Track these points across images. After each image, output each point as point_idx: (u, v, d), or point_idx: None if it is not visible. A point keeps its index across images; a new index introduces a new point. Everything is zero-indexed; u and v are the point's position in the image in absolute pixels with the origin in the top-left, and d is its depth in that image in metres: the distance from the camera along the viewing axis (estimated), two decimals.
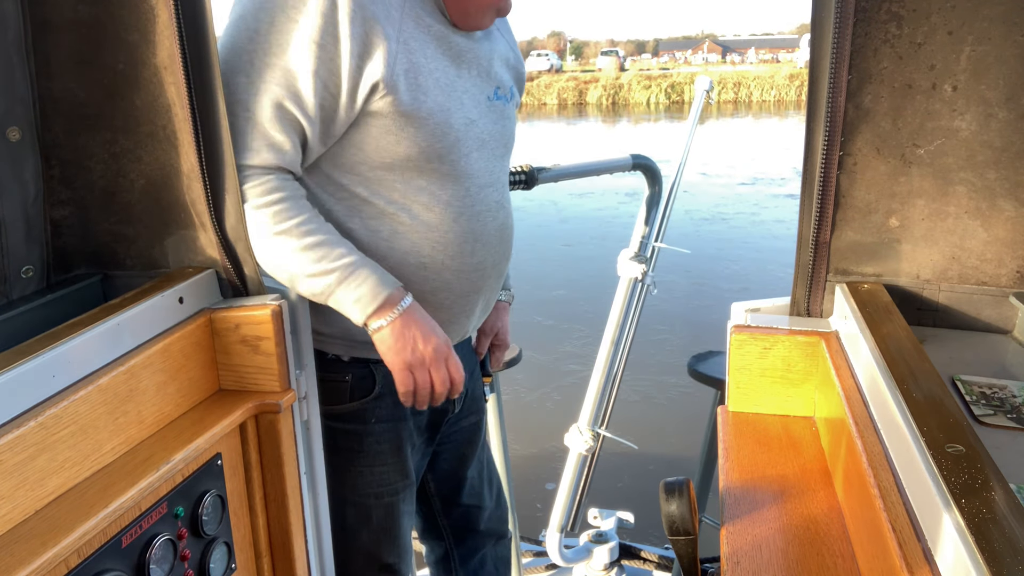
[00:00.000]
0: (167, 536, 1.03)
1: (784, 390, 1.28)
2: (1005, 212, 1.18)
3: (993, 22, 1.10)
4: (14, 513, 0.88)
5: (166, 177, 1.21)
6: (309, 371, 1.28)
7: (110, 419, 1.00)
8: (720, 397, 2.06)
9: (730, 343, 1.28)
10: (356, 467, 1.36)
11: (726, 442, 1.22)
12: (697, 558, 1.11)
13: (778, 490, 1.09)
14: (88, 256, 1.28)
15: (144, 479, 0.98)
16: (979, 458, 0.72)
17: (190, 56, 1.11)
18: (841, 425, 1.03)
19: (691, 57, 68.33)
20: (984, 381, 1.06)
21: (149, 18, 1.12)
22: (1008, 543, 0.61)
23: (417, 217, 1.26)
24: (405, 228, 1.26)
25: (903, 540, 0.74)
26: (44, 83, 1.19)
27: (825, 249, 1.25)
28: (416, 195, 1.26)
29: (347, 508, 1.38)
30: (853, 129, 1.17)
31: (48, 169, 1.23)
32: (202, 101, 1.13)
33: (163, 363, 1.10)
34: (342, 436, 1.35)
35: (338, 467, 1.35)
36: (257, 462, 1.22)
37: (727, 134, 20.78)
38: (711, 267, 7.67)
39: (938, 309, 1.25)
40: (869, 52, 1.14)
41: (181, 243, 1.24)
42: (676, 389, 4.68)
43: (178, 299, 1.16)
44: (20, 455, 0.88)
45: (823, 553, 0.95)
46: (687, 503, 1.06)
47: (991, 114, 1.13)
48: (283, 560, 1.26)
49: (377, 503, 1.39)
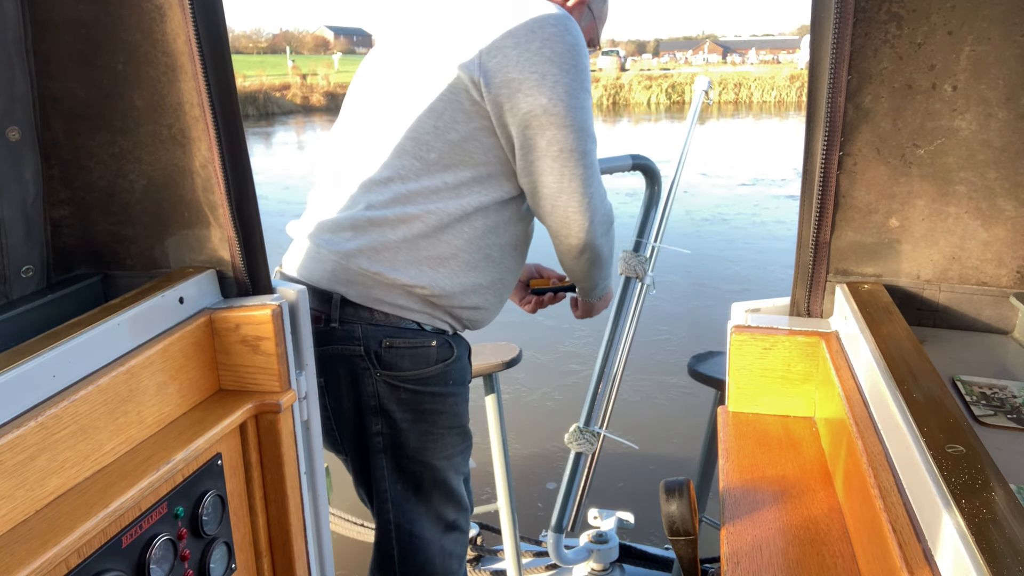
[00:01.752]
0: (167, 536, 1.03)
1: (784, 390, 1.28)
2: (1005, 212, 1.18)
3: (993, 22, 1.10)
4: (14, 513, 0.88)
5: (169, 176, 1.21)
6: (309, 371, 1.28)
7: (110, 419, 1.00)
8: (720, 397, 2.06)
9: (730, 343, 1.28)
10: (439, 429, 1.48)
11: (726, 442, 1.22)
12: (697, 558, 1.11)
13: (778, 490, 1.09)
14: (88, 256, 1.28)
15: (144, 479, 0.98)
16: (979, 458, 0.72)
17: (207, 54, 1.11)
18: (841, 425, 1.03)
19: (692, 57, 68.35)
20: (984, 381, 1.06)
21: (154, 17, 1.12)
22: (1008, 544, 0.61)
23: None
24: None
25: (903, 540, 0.74)
26: (44, 83, 1.19)
27: (825, 249, 1.25)
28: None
29: (425, 471, 1.49)
30: (853, 129, 1.17)
31: (48, 169, 1.23)
32: (219, 99, 1.13)
33: (163, 363, 1.10)
34: (428, 399, 1.46)
35: (423, 432, 1.46)
36: (257, 462, 1.22)
37: (728, 135, 20.77)
38: (711, 267, 7.67)
39: (938, 309, 1.25)
40: (869, 52, 1.14)
41: (182, 243, 1.24)
42: (676, 389, 4.68)
43: (178, 299, 1.16)
44: (20, 455, 0.88)
45: (823, 553, 0.95)
46: (687, 503, 1.06)
47: (991, 114, 1.13)
48: (283, 560, 1.26)
49: (449, 464, 1.52)
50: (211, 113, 1.13)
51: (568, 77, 1.36)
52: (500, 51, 1.35)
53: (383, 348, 1.40)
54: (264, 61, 49.23)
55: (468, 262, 1.43)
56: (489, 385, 2.27)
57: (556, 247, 1.50)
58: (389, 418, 1.44)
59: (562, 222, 1.43)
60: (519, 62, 1.34)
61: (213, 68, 1.12)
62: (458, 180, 1.39)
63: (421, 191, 1.39)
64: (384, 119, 1.45)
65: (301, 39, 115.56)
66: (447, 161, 1.39)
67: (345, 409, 1.45)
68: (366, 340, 1.40)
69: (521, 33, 1.35)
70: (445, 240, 1.40)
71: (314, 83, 33.91)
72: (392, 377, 1.42)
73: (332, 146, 1.57)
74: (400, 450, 1.46)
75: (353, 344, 1.40)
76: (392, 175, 1.40)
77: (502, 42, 1.35)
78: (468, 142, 1.39)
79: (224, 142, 1.15)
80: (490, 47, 1.35)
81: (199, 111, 1.14)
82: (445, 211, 1.39)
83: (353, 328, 1.40)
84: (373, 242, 1.38)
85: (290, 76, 35.70)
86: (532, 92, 1.34)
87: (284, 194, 11.96)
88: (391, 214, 1.38)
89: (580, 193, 1.40)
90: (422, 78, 1.41)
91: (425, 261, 1.39)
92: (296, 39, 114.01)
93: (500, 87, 1.35)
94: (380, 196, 1.40)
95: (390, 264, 1.38)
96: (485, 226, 1.43)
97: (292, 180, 13.48)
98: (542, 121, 1.35)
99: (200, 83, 1.12)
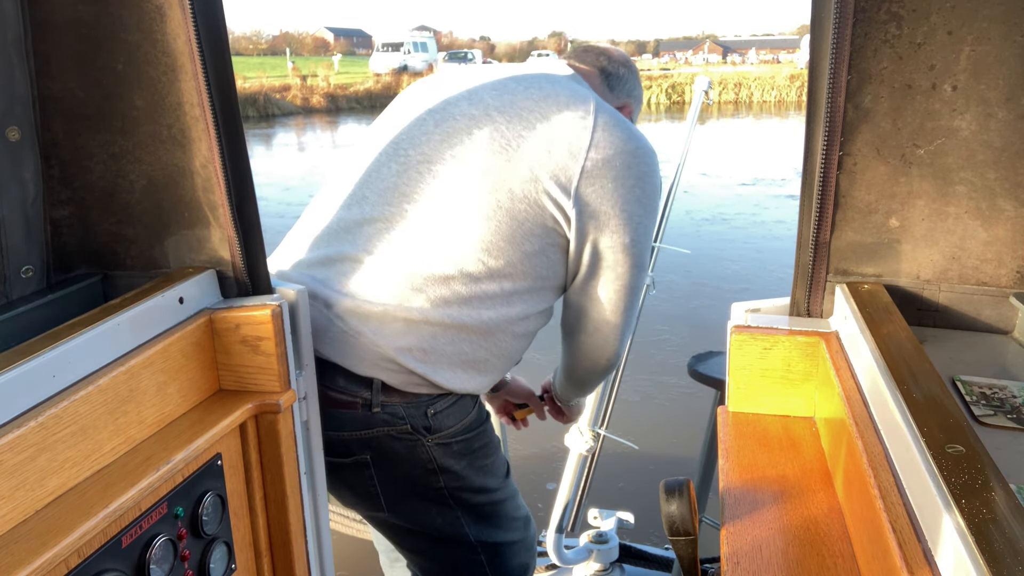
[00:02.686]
0: (167, 536, 1.03)
1: (784, 390, 1.28)
2: (1005, 212, 1.18)
3: (993, 22, 1.10)
4: (14, 513, 0.88)
5: (169, 177, 1.21)
6: (309, 371, 1.28)
7: (110, 419, 1.00)
8: (720, 397, 2.06)
9: (730, 343, 1.28)
10: (489, 459, 1.54)
11: (726, 442, 1.22)
12: (697, 558, 1.11)
13: (778, 490, 1.09)
14: (88, 256, 1.28)
15: (144, 479, 0.98)
16: (979, 458, 0.72)
17: (207, 54, 1.11)
18: (841, 425, 1.03)
19: (692, 57, 68.35)
20: (984, 381, 1.06)
21: (154, 18, 1.12)
22: (1008, 544, 0.61)
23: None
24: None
25: (903, 540, 0.74)
26: (44, 83, 1.19)
27: (825, 249, 1.25)
28: None
29: (491, 496, 1.56)
30: (853, 129, 1.17)
31: (48, 169, 1.23)
32: (219, 99, 1.13)
33: (163, 363, 1.10)
34: (476, 439, 1.50)
35: (480, 468, 1.51)
36: (257, 462, 1.22)
37: (728, 135, 20.77)
38: (711, 267, 7.66)
39: (938, 309, 1.25)
40: (869, 52, 1.14)
41: (182, 243, 1.24)
42: (676, 389, 4.68)
43: (178, 299, 1.16)
44: (20, 455, 0.88)
45: (823, 553, 0.95)
46: (687, 503, 1.06)
47: (991, 114, 1.13)
48: (283, 560, 1.26)
49: (505, 481, 1.60)
50: (211, 113, 1.13)
51: (648, 219, 1.42)
52: (598, 180, 1.36)
53: (429, 417, 1.40)
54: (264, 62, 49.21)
55: (497, 367, 1.46)
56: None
57: (577, 360, 1.57)
58: (450, 472, 1.45)
59: (600, 344, 1.50)
60: (614, 197, 1.37)
61: (213, 68, 1.12)
62: (515, 289, 1.39)
63: (479, 296, 1.36)
64: (447, 192, 1.37)
65: (301, 40, 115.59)
66: (511, 271, 1.37)
67: (397, 476, 1.44)
68: (411, 418, 1.39)
69: (620, 165, 1.37)
70: (486, 347, 1.41)
71: (314, 84, 33.86)
72: (443, 438, 1.43)
73: (362, 173, 1.47)
74: (466, 492, 1.49)
75: (398, 423, 1.39)
76: (453, 273, 1.34)
77: (602, 171, 1.36)
78: (538, 256, 1.38)
79: (224, 142, 1.15)
80: (590, 173, 1.35)
81: (199, 111, 1.14)
82: (493, 320, 1.39)
83: (395, 408, 1.39)
84: (423, 343, 1.36)
85: (290, 77, 35.63)
86: (618, 230, 1.38)
87: (284, 195, 11.96)
88: (447, 318, 1.35)
89: (624, 324, 1.48)
90: (501, 170, 1.35)
91: (461, 364, 1.40)
92: (296, 40, 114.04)
93: (590, 218, 1.37)
94: (436, 293, 1.34)
95: (433, 367, 1.37)
96: (522, 332, 1.46)
97: (292, 181, 13.49)
98: (618, 258, 1.40)
99: (200, 83, 1.12)
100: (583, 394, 1.76)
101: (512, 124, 1.37)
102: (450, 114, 1.42)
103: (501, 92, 1.42)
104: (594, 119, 1.37)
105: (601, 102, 1.42)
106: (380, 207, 1.39)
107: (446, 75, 1.55)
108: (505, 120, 1.38)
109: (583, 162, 1.35)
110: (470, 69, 1.55)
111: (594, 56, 1.63)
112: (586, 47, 1.66)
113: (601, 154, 1.36)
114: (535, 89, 1.41)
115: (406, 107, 1.51)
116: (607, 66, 1.61)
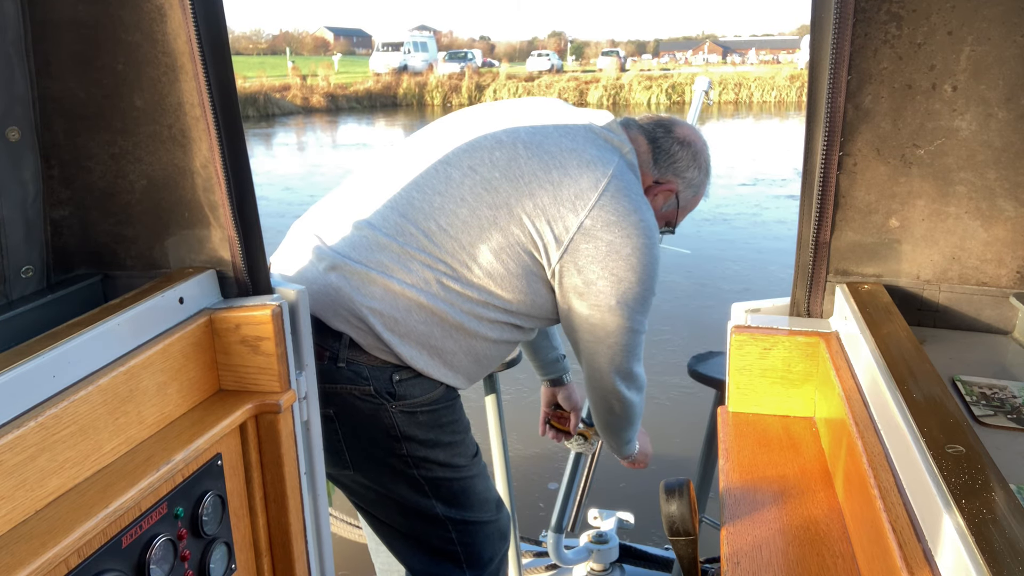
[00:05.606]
0: (167, 536, 1.03)
1: (784, 391, 1.28)
2: (1005, 212, 1.18)
3: (993, 22, 1.10)
4: (14, 513, 0.88)
5: (169, 177, 1.21)
6: (309, 371, 1.28)
7: (110, 419, 1.00)
8: (720, 397, 2.06)
9: (730, 343, 1.28)
10: (458, 436, 1.57)
11: (726, 443, 1.22)
12: (697, 558, 1.11)
13: (778, 491, 1.09)
14: (88, 256, 1.28)
15: (144, 479, 0.98)
16: (979, 459, 0.72)
17: (208, 54, 1.11)
18: (841, 426, 1.03)
19: (692, 58, 68.31)
20: (984, 382, 1.06)
21: (155, 18, 1.12)
22: (1008, 544, 0.61)
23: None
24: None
25: (903, 541, 0.74)
26: (44, 83, 1.19)
27: (825, 249, 1.25)
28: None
29: (457, 473, 1.58)
30: (853, 129, 1.17)
31: (48, 169, 1.23)
32: (220, 99, 1.13)
33: (163, 363, 1.10)
34: (444, 413, 1.53)
35: (447, 444, 1.54)
36: (257, 462, 1.22)
37: (728, 135, 20.77)
38: (712, 267, 7.67)
39: (938, 310, 1.25)
40: (869, 52, 1.14)
41: (182, 243, 1.24)
42: (676, 389, 4.68)
43: (178, 299, 1.16)
44: (20, 455, 0.88)
45: (823, 553, 0.95)
46: (687, 504, 1.06)
47: (991, 114, 1.13)
48: (283, 560, 1.26)
49: (474, 460, 1.62)
50: (211, 113, 1.13)
51: (641, 287, 1.46)
52: (593, 241, 1.41)
53: (394, 383, 1.45)
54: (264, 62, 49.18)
55: (464, 364, 1.51)
56: (490, 385, 2.26)
57: (594, 410, 1.69)
58: (414, 441, 1.49)
59: (603, 396, 1.62)
60: (606, 260, 1.42)
61: (213, 68, 1.12)
62: (493, 300, 1.46)
63: (459, 293, 1.43)
64: (453, 194, 1.44)
65: (301, 40, 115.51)
66: (491, 283, 1.44)
67: (361, 436, 1.48)
68: (375, 380, 1.44)
69: (618, 230, 1.41)
70: (455, 340, 1.46)
71: (314, 84, 33.85)
72: (408, 406, 1.47)
73: (393, 175, 1.54)
74: (431, 464, 1.52)
75: (362, 383, 1.44)
76: (441, 267, 1.42)
77: (600, 233, 1.41)
78: (520, 279, 1.46)
79: (224, 142, 1.15)
80: (587, 231, 1.41)
81: (199, 111, 1.14)
82: (468, 319, 1.45)
83: (360, 368, 1.44)
84: (396, 312, 1.42)
85: (290, 77, 35.61)
86: (605, 291, 1.44)
87: (284, 195, 11.96)
88: (425, 299, 1.42)
89: (623, 379, 1.58)
90: (507, 192, 1.42)
91: (428, 348, 1.45)
92: (296, 40, 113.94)
93: (578, 273, 1.43)
94: (422, 275, 1.42)
95: (400, 339, 1.43)
96: (496, 339, 1.51)
97: (292, 181, 13.48)
98: (606, 318, 1.47)
99: (200, 83, 1.12)
100: (622, 440, 1.78)
101: (531, 161, 1.44)
102: (483, 132, 1.50)
103: (536, 132, 1.49)
104: (607, 183, 1.42)
105: (624, 171, 1.46)
106: (394, 193, 1.49)
107: (505, 103, 1.63)
108: (527, 155, 1.45)
109: (583, 219, 1.41)
110: (530, 102, 1.61)
111: (654, 124, 1.64)
112: (658, 117, 1.68)
113: (602, 216, 1.41)
114: (567, 140, 1.47)
115: (454, 118, 1.61)
116: (660, 137, 1.61)
